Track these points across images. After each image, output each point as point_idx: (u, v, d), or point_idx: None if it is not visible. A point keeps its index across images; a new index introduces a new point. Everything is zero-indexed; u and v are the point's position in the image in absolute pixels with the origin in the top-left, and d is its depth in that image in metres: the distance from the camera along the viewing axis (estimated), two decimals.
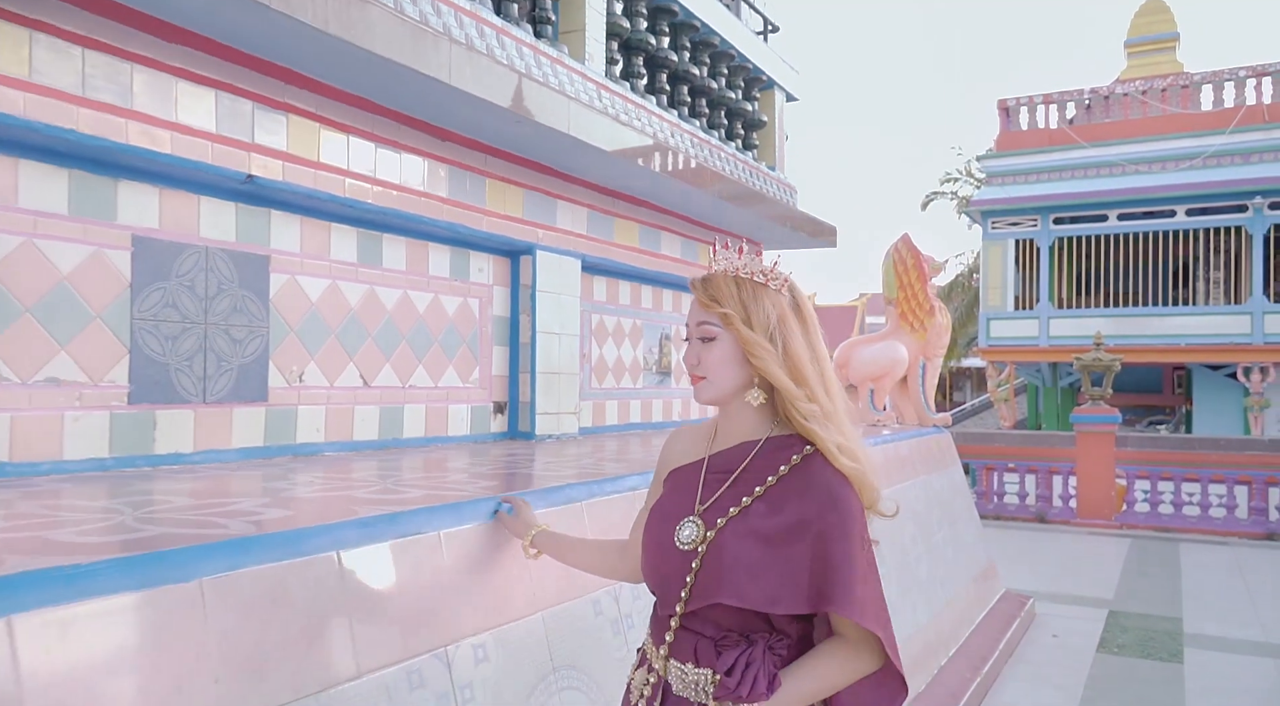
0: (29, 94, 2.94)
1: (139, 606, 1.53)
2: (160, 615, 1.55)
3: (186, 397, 3.61)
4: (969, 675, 5.88)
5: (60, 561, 1.52)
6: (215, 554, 1.71)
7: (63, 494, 2.61)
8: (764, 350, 1.62)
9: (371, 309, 4.44)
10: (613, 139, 5.10)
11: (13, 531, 1.92)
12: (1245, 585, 8.82)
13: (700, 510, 1.67)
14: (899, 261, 7.80)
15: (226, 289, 3.75)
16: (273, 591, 1.76)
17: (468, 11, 4.49)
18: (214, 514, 2.19)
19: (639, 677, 1.76)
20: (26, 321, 3.11)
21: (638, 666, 1.78)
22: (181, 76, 3.40)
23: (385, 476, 3.19)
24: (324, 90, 3.93)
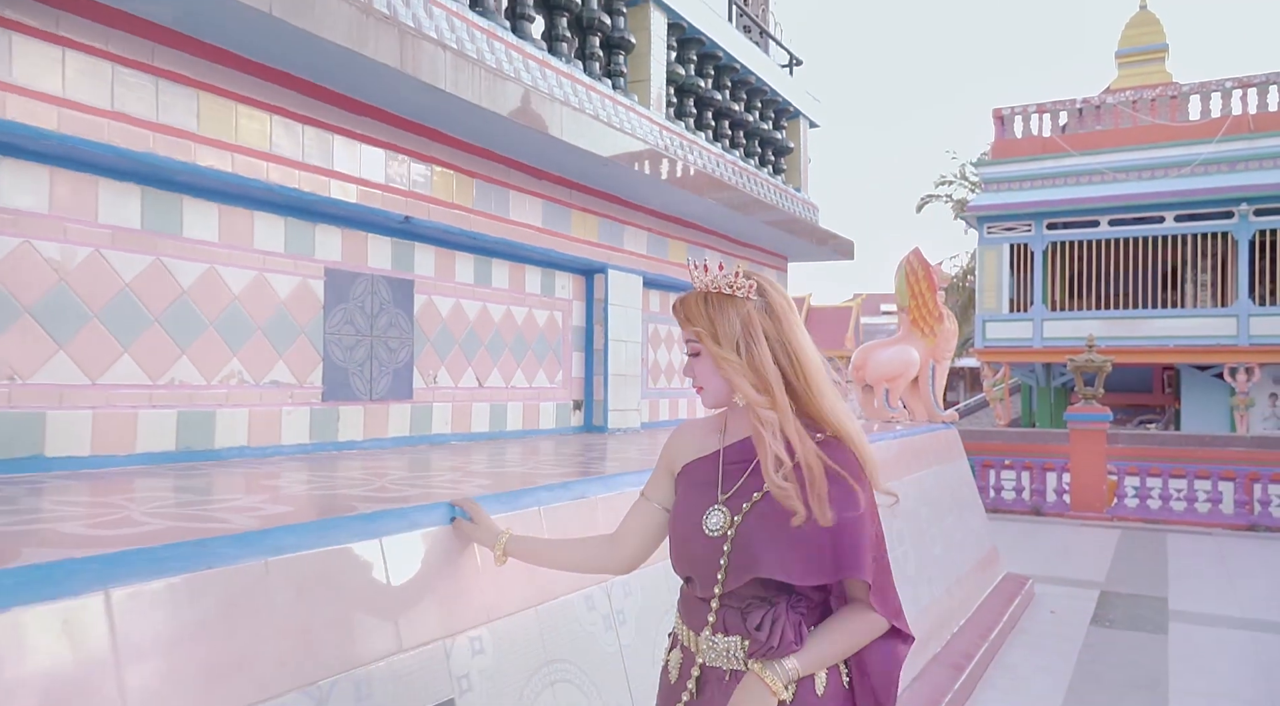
0: (269, 162, 3.92)
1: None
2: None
3: (358, 396, 4.59)
4: (978, 641, 6.86)
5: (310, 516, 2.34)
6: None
7: (285, 471, 3.59)
8: (728, 363, 1.79)
9: (484, 322, 5.44)
10: (671, 172, 6.10)
11: (263, 497, 2.90)
12: (1227, 570, 9.78)
13: (724, 499, 1.83)
14: (911, 273, 8.83)
15: (385, 308, 4.74)
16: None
17: (565, 73, 5.51)
18: (404, 486, 3.17)
19: (673, 659, 1.94)
20: (259, 337, 4.09)
21: (671, 648, 1.96)
22: (367, 142, 4.39)
23: (496, 460, 4.19)
24: (463, 146, 4.93)
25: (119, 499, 2.59)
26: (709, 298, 1.82)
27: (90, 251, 3.45)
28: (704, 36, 7.09)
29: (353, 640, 2.02)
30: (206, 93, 3.68)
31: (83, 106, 3.26)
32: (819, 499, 1.70)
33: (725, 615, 1.80)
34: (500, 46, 4.97)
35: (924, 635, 6.19)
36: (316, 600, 1.97)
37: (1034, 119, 21.11)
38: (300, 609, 1.93)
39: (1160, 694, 5.71)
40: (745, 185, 7.46)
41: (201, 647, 1.72)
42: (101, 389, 3.49)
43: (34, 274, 3.28)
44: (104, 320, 3.50)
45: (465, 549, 2.40)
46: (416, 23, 4.35)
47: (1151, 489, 13.15)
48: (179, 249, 3.76)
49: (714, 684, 1.81)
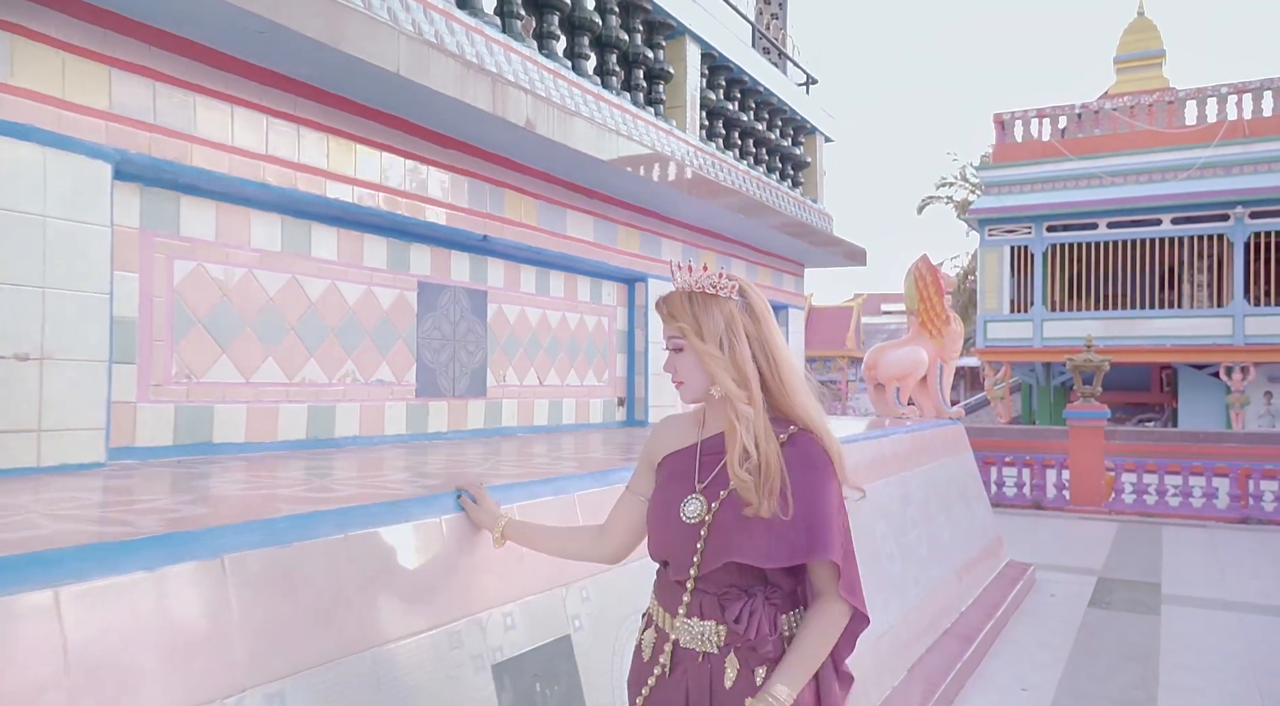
0: (380, 192, 4.66)
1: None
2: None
3: (444, 393, 5.33)
4: (984, 619, 7.58)
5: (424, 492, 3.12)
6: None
7: (393, 458, 4.32)
8: (712, 358, 1.90)
9: (543, 328, 6.18)
10: (704, 189, 6.84)
11: (374, 479, 3.63)
12: (1219, 559, 10.47)
13: (700, 487, 1.96)
14: (919, 278, 9.58)
15: (464, 316, 5.48)
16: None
17: (616, 104, 6.26)
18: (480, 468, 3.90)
19: (647, 638, 2.06)
20: (368, 342, 4.83)
21: (644, 628, 2.08)
22: (456, 172, 5.14)
23: (555, 449, 4.93)
24: (531, 172, 5.68)
25: (296, 475, 3.33)
26: (693, 296, 1.95)
27: (245, 271, 4.19)
28: (732, 63, 7.85)
29: (502, 585, 2.69)
30: (334, 136, 4.42)
31: (245, 151, 4.00)
32: (769, 493, 1.84)
33: (701, 599, 1.93)
34: (564, 84, 5.72)
35: (934, 613, 6.87)
36: (484, 554, 2.64)
37: (1034, 124, 21.89)
38: (471, 560, 2.59)
39: (1151, 665, 6.39)
40: (768, 199, 8.21)
41: (390, 585, 2.36)
42: (252, 386, 4.23)
43: (204, 291, 4.02)
44: (254, 328, 4.24)
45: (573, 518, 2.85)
46: (499, 68, 5.10)
47: (1148, 485, 13.83)
48: (309, 268, 4.50)
49: (687, 663, 1.95)
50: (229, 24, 3.53)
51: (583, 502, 3.24)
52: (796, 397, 1.94)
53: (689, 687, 1.94)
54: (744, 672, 1.90)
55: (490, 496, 2.57)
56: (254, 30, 3.58)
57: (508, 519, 2.47)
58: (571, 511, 3.14)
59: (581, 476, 3.33)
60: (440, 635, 2.55)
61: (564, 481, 3.23)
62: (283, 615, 2.08)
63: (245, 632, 1.97)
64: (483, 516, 2.52)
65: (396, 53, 4.06)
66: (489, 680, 2.71)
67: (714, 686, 1.92)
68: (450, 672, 2.57)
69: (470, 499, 2.56)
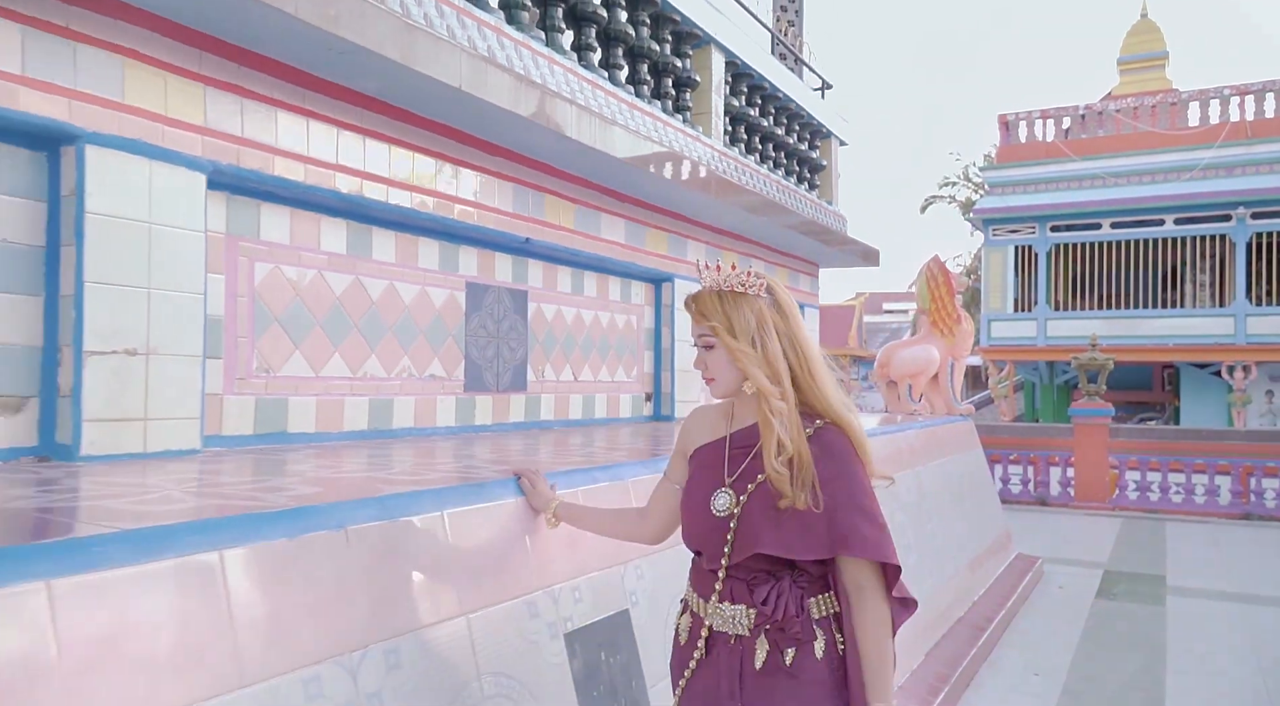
0: (433, 197, 4.99)
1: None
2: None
3: (489, 388, 5.66)
4: (995, 608, 7.91)
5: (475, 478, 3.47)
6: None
7: (452, 447, 4.64)
8: (745, 355, 1.96)
9: (578, 326, 6.51)
10: (728, 192, 7.17)
11: (440, 466, 3.95)
12: (1221, 553, 10.78)
13: (730, 481, 2.03)
14: (931, 279, 9.91)
15: (507, 314, 5.81)
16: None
17: (648, 112, 6.59)
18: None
19: (683, 623, 2.15)
20: (422, 339, 5.16)
21: (681, 613, 2.17)
22: (503, 178, 5.47)
23: (599, 441, 5.25)
24: (569, 177, 6.01)
25: (376, 461, 3.66)
26: (723, 295, 2.01)
27: (315, 273, 4.51)
28: (753, 71, 8.18)
29: (568, 562, 2.97)
30: (395, 145, 4.75)
31: (318, 161, 4.33)
32: (803, 486, 1.91)
33: (732, 585, 2.00)
34: (601, 94, 6.05)
35: (949, 602, 7.19)
36: (551, 533, 2.90)
37: (1038, 124, 22.24)
38: (541, 538, 2.86)
39: (1159, 652, 6.71)
40: (787, 201, 8.55)
41: (478, 558, 2.64)
42: (321, 380, 4.56)
43: (280, 292, 4.34)
44: (323, 326, 4.56)
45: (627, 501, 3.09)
46: (543, 79, 5.42)
47: (1151, 482, 14.15)
48: (370, 269, 4.83)
49: (721, 646, 2.02)
50: (316, 45, 3.85)
51: (635, 488, 3.56)
52: (825, 391, 2.00)
53: (721, 670, 2.01)
54: (773, 653, 1.95)
55: (545, 480, 2.76)
56: (336, 51, 3.90)
57: (560, 501, 2.65)
58: (626, 495, 3.46)
59: (634, 464, 3.65)
60: (520, 604, 2.87)
61: (620, 468, 3.55)
62: (395, 581, 2.38)
63: (366, 596, 2.27)
64: (537, 498, 2.70)
65: (459, 69, 4.38)
66: (562, 647, 3.03)
67: (744, 667, 1.98)
68: (530, 638, 2.88)
69: (528, 483, 2.75)
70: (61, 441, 3.39)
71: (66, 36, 3.33)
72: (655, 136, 6.54)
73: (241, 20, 3.65)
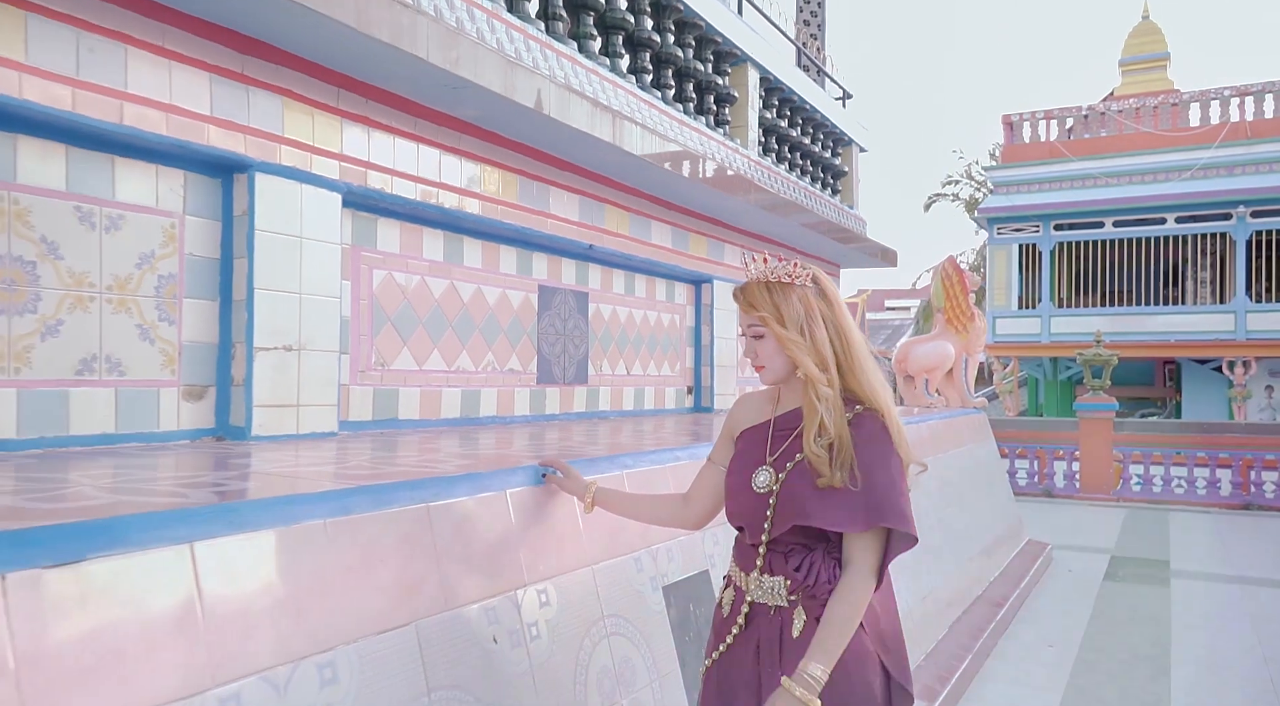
0: (516, 210, 5.64)
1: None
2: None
3: (557, 381, 6.32)
4: (1010, 589, 8.55)
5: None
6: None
7: (539, 433, 5.29)
8: (794, 343, 2.07)
9: (630, 324, 7.17)
10: (762, 198, 7.83)
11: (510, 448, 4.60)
12: (1222, 540, 11.35)
13: (771, 460, 2.15)
14: (946, 278, 10.57)
15: (571, 314, 6.47)
16: None
17: (695, 127, 7.25)
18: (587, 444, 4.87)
19: (727, 596, 2.26)
20: (503, 337, 5.82)
21: (725, 588, 2.29)
22: (570, 191, 6.13)
23: (645, 431, 5.90)
24: (626, 189, 6.68)
25: (489, 442, 4.31)
26: (771, 286, 2.10)
27: (419, 279, 5.17)
28: (784, 85, 8.86)
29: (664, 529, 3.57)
30: (486, 164, 5.41)
31: (426, 180, 4.98)
32: (842, 466, 2.01)
33: (771, 559, 2.13)
34: (656, 113, 6.72)
35: (968, 581, 7.82)
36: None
37: (1041, 125, 22.89)
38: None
39: (1164, 628, 7.32)
40: (813, 206, 9.23)
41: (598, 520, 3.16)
42: (423, 373, 5.21)
43: (392, 295, 5.00)
44: (425, 326, 5.22)
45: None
46: (608, 101, 6.08)
47: (1154, 474, 14.75)
48: (461, 275, 5.48)
49: (761, 617, 2.15)
50: (437, 82, 4.51)
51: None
52: (866, 377, 2.11)
53: (760, 640, 2.14)
54: (809, 623, 2.07)
55: (575, 469, 2.87)
56: (451, 86, 4.55)
57: (597, 486, 2.73)
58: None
59: (703, 445, 4.28)
60: (629, 560, 3.51)
61: (696, 449, 4.17)
62: (545, 535, 2.98)
63: (523, 545, 2.86)
64: (573, 486, 2.81)
65: (550, 98, 5.04)
66: (661, 598, 3.68)
67: (784, 637, 2.10)
68: (637, 588, 3.53)
69: (556, 473, 2.88)
70: (235, 424, 4.04)
71: (242, 81, 3.98)
72: (701, 149, 7.20)
73: (382, 64, 4.30)
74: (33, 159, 3.40)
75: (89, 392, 3.59)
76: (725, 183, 7.14)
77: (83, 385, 3.56)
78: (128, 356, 3.73)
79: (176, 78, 3.71)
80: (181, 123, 3.72)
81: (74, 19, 3.35)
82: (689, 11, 7.18)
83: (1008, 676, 6.04)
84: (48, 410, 3.45)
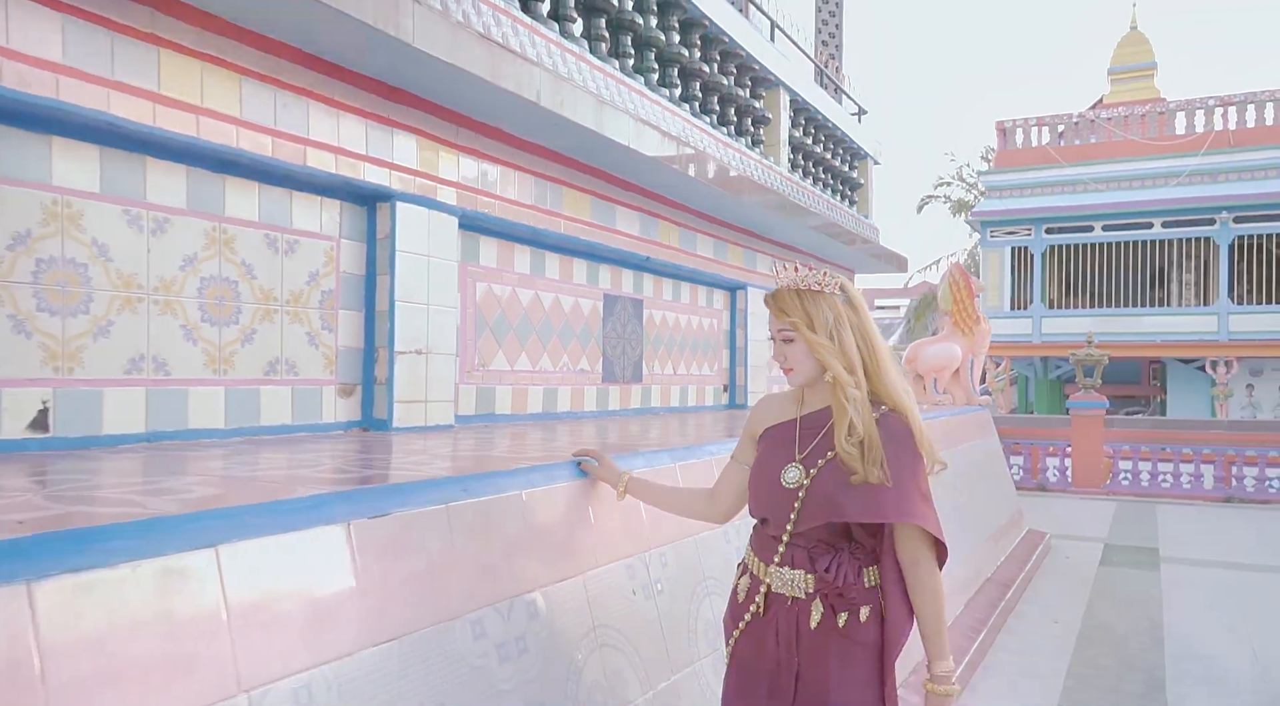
0: (586, 226, 6.32)
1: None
2: None
3: (619, 380, 7.02)
4: (1015, 573, 9.27)
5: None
6: None
7: (586, 429, 5.98)
8: (823, 348, 2.18)
9: (676, 328, 7.88)
10: (790, 211, 8.54)
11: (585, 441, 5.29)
12: (1207, 529, 12.06)
13: (800, 457, 2.25)
14: (953, 283, 11.31)
15: (629, 320, 7.17)
16: None
17: (737, 149, 7.95)
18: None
19: (743, 583, 2.36)
20: (575, 341, 6.51)
21: (740, 575, 2.39)
22: (630, 207, 6.83)
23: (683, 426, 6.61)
24: (677, 205, 7.39)
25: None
26: (802, 293, 2.21)
27: (510, 289, 5.86)
28: (810, 105, 9.60)
29: None
30: (567, 187, 6.11)
31: (519, 203, 5.67)
32: (872, 464, 2.12)
33: (793, 552, 2.22)
34: (705, 136, 7.41)
35: (978, 565, 8.52)
36: None
37: (1034, 131, 23.69)
38: None
39: (1157, 605, 8.04)
40: (835, 217, 9.94)
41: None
42: (514, 373, 5.90)
43: (490, 305, 5.68)
44: (515, 331, 5.91)
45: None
46: (666, 127, 6.76)
47: (1142, 469, 15.53)
48: (543, 285, 6.18)
49: (778, 606, 2.24)
50: (542, 120, 5.19)
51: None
52: (890, 380, 2.23)
53: (779, 628, 2.24)
54: (827, 615, 2.19)
55: (609, 459, 2.96)
56: (552, 123, 5.23)
57: (630, 476, 2.82)
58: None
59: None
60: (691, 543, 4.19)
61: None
62: (646, 517, 3.57)
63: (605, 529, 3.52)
64: (607, 475, 2.89)
65: (629, 130, 5.73)
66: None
67: (800, 627, 2.21)
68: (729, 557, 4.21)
69: (593, 462, 2.97)
70: (378, 417, 4.73)
71: (388, 124, 4.67)
72: (741, 168, 7.91)
73: (500, 105, 4.98)
74: (236, 196, 4.09)
75: (274, 390, 4.27)
76: (762, 197, 7.84)
77: (270, 384, 4.25)
78: (300, 359, 4.41)
79: (343, 124, 4.39)
80: (347, 161, 4.41)
81: (273, 79, 4.03)
82: (732, 43, 7.89)
83: (1018, 649, 6.70)
84: (246, 405, 4.13)
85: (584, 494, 2.99)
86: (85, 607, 1.54)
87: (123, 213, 3.63)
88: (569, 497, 2.93)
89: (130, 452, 3.38)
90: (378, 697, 2.05)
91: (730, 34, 7.84)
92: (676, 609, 3.47)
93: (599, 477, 2.94)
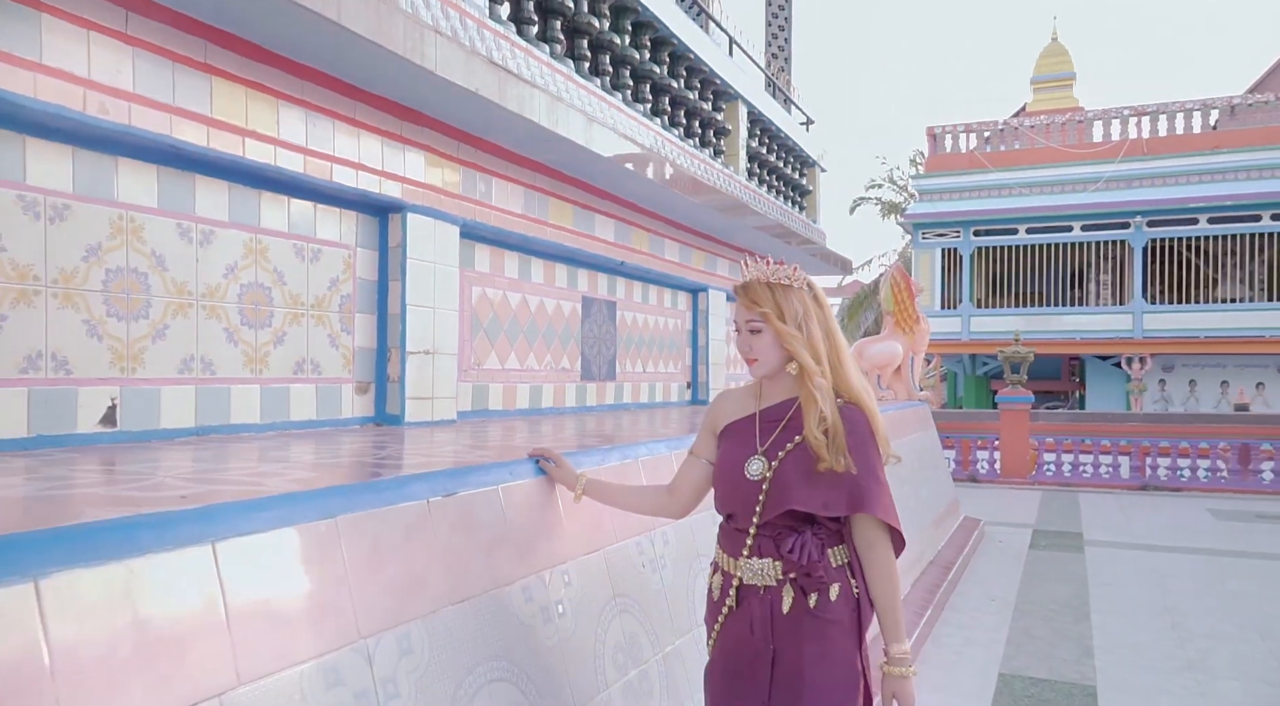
0: (568, 233, 6.70)
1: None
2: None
3: (595, 377, 7.41)
4: (955, 556, 9.87)
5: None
6: None
7: (569, 424, 6.38)
8: (793, 338, 2.24)
9: (645, 328, 8.30)
10: (753, 218, 9.00)
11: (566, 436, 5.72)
12: (1126, 515, 12.92)
13: (762, 450, 2.30)
14: (895, 284, 11.89)
15: (604, 321, 7.56)
16: None
17: (702, 159, 8.39)
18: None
19: (715, 581, 2.42)
20: (557, 341, 6.88)
21: (713, 574, 2.44)
22: (607, 215, 7.20)
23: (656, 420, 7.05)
24: (649, 213, 7.78)
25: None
26: (773, 286, 2.27)
27: (501, 293, 6.22)
28: (765, 117, 10.08)
29: None
30: (552, 197, 6.47)
31: (512, 212, 6.03)
32: (837, 452, 2.19)
33: (760, 542, 2.26)
34: (675, 148, 7.83)
35: (921, 549, 9.06)
36: None
37: (962, 137, 24.60)
38: None
39: (1083, 583, 8.73)
40: (788, 222, 10.44)
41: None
42: (504, 372, 6.26)
43: (483, 308, 6.04)
44: (505, 332, 6.26)
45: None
46: (644, 140, 7.17)
47: (1064, 461, 16.40)
48: (529, 289, 6.54)
49: (751, 597, 2.29)
50: (534, 136, 5.56)
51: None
52: (851, 374, 2.30)
53: (753, 618, 2.28)
54: (799, 598, 2.24)
55: (566, 460, 2.94)
56: (546, 140, 5.60)
57: (587, 477, 2.82)
58: None
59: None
60: (687, 523, 4.63)
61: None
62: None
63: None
64: (564, 476, 2.87)
65: (613, 144, 6.12)
66: None
67: (774, 613, 2.26)
68: None
69: (550, 462, 2.94)
70: (391, 412, 5.06)
71: (401, 141, 5.00)
72: (708, 178, 8.35)
73: (502, 125, 5.33)
74: (269, 209, 4.40)
75: (301, 388, 4.59)
76: (723, 203, 8.29)
77: (298, 382, 4.56)
78: (323, 359, 4.73)
79: (363, 142, 4.72)
80: (366, 176, 4.73)
81: (305, 102, 4.34)
82: (697, 59, 8.32)
83: (962, 623, 7.24)
84: (278, 401, 4.44)
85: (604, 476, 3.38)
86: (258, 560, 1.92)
87: (176, 226, 3.93)
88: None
89: (191, 444, 3.68)
90: (462, 645, 2.40)
91: (694, 50, 8.27)
92: (678, 581, 3.86)
93: (556, 480, 2.92)
